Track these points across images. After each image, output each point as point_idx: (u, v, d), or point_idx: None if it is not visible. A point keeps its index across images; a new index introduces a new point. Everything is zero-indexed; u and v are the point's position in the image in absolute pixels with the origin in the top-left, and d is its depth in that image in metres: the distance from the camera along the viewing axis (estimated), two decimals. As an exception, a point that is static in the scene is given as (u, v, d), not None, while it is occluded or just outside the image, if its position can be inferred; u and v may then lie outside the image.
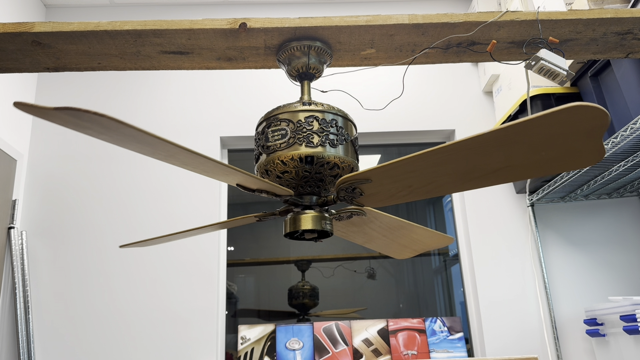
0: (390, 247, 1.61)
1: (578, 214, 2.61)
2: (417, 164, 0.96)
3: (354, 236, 1.54)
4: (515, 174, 0.98)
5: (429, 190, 1.08)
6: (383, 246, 1.62)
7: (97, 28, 1.29)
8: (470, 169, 0.97)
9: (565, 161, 0.95)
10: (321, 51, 1.36)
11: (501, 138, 0.86)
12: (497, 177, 0.99)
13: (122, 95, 2.80)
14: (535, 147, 0.88)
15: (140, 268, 2.48)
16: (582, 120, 0.84)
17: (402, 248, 1.62)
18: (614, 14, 1.34)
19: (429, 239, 1.56)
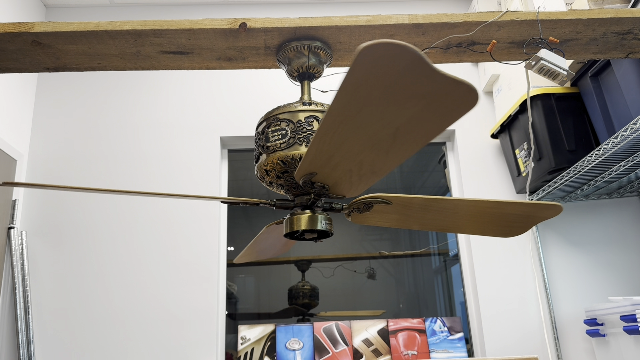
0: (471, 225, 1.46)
1: (578, 214, 2.61)
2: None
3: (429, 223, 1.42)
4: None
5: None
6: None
7: (97, 28, 1.29)
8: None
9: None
10: (321, 51, 1.36)
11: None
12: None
13: (122, 95, 2.80)
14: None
15: (140, 268, 2.48)
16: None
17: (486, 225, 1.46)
18: (614, 14, 1.34)
19: None
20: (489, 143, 2.74)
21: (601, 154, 1.93)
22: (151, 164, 2.66)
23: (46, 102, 2.78)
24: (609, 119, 2.04)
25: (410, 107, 0.76)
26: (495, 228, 1.39)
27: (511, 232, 1.42)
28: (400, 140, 0.84)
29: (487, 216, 1.31)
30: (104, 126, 2.74)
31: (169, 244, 2.52)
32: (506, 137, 2.56)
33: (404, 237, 4.05)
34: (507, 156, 2.61)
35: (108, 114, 2.76)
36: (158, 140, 2.71)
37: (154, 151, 2.69)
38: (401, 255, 3.94)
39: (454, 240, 2.85)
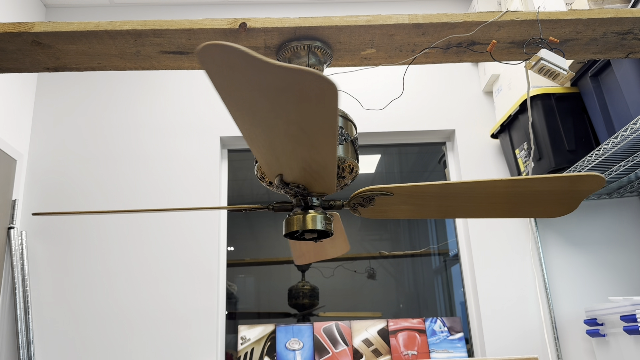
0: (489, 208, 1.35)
1: (578, 214, 2.61)
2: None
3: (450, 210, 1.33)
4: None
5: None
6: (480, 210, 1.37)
7: (97, 28, 1.29)
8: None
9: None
10: (321, 51, 1.36)
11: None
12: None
13: (122, 95, 2.80)
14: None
15: (141, 268, 2.48)
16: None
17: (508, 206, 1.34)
18: (614, 14, 1.34)
19: None
20: (489, 143, 2.74)
21: (601, 154, 1.93)
22: (151, 164, 2.66)
23: (46, 102, 2.78)
24: (609, 118, 2.04)
25: (284, 100, 0.76)
26: (530, 209, 1.24)
27: (553, 211, 1.24)
28: (310, 132, 0.84)
29: (511, 197, 1.19)
30: (104, 126, 2.74)
31: (169, 244, 2.52)
32: (506, 137, 2.56)
33: (404, 237, 4.05)
34: (507, 156, 2.61)
35: (108, 114, 2.76)
36: (158, 140, 2.71)
37: (154, 151, 2.69)
38: (401, 255, 3.94)
39: (454, 240, 2.85)
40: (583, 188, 1.12)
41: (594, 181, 1.08)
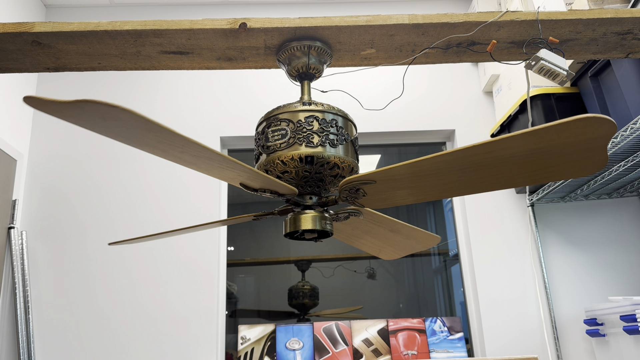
0: (380, 247, 1.61)
1: (578, 214, 2.61)
2: (421, 168, 0.98)
3: (352, 239, 1.54)
4: (517, 180, 1.02)
5: (430, 194, 1.12)
6: (373, 247, 1.61)
7: (97, 28, 1.29)
8: (473, 175, 1.00)
9: (568, 169, 0.98)
10: (321, 51, 1.36)
11: (508, 146, 0.89)
12: (499, 183, 1.03)
13: (122, 95, 2.80)
14: (540, 156, 0.92)
15: (141, 268, 2.48)
16: (590, 130, 0.85)
17: (391, 249, 1.61)
18: (614, 14, 1.34)
19: (415, 240, 1.55)
20: (489, 143, 2.74)
21: (601, 154, 1.92)
22: (150, 164, 2.66)
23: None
24: (609, 119, 2.04)
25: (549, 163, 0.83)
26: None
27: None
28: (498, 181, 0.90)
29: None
30: (104, 126, 2.73)
31: (169, 243, 2.52)
32: (506, 137, 2.55)
33: (404, 237, 4.04)
34: (507, 156, 2.60)
35: (108, 114, 2.76)
36: (158, 140, 2.71)
37: (154, 151, 2.69)
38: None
39: (454, 240, 2.85)
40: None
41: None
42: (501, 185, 1.04)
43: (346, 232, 1.50)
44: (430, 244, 1.58)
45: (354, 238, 1.54)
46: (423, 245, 1.58)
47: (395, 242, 1.56)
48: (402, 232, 1.49)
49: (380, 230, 1.48)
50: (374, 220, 1.42)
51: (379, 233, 1.50)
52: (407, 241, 1.55)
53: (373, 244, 1.59)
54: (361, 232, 1.50)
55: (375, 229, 1.47)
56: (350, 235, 1.53)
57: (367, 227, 1.46)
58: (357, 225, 1.45)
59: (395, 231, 1.48)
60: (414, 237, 1.53)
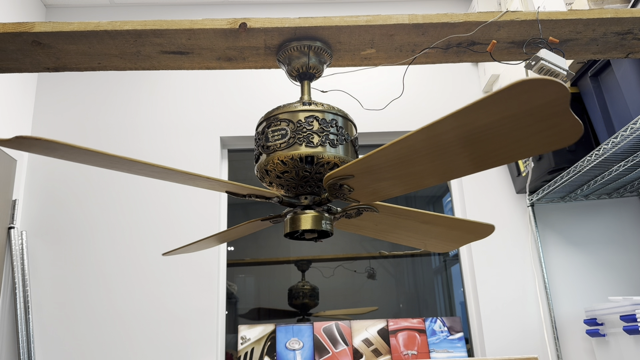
0: (424, 241, 1.51)
1: (578, 214, 2.61)
2: (392, 153, 0.95)
3: (384, 234, 1.47)
4: (493, 159, 1.01)
5: (414, 183, 1.08)
6: (417, 241, 1.52)
7: (97, 28, 1.29)
8: (447, 158, 0.99)
9: (540, 141, 0.97)
10: (321, 51, 1.36)
11: (464, 120, 0.91)
12: (476, 164, 1.02)
13: (122, 95, 2.80)
14: (503, 131, 0.93)
15: (140, 268, 2.48)
16: (536, 96, 0.85)
17: (438, 242, 1.52)
18: (614, 14, 1.34)
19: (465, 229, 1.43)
20: (489, 143, 2.74)
21: (601, 154, 1.93)
22: (151, 164, 2.66)
23: (46, 102, 2.78)
24: (609, 119, 2.04)
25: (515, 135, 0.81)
26: None
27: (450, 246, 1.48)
28: (475, 162, 0.89)
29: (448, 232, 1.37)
30: (104, 126, 2.74)
31: (169, 243, 2.52)
32: (506, 137, 2.55)
33: (404, 237, 4.04)
34: (507, 156, 2.60)
35: (108, 114, 2.76)
36: (158, 140, 2.71)
37: (154, 151, 2.69)
38: (401, 255, 3.94)
39: (454, 240, 2.84)
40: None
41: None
42: (479, 165, 1.03)
43: (370, 227, 1.44)
44: (483, 234, 1.44)
45: (384, 233, 1.47)
46: (476, 235, 1.46)
47: (437, 234, 1.46)
48: (438, 223, 1.39)
49: (411, 223, 1.40)
50: (395, 213, 1.34)
51: (411, 226, 1.42)
52: (452, 232, 1.44)
53: (412, 238, 1.50)
54: (389, 227, 1.42)
55: (404, 222, 1.40)
56: (377, 231, 1.46)
57: (393, 220, 1.38)
58: (380, 220, 1.38)
59: (429, 222, 1.38)
60: (459, 228, 1.42)
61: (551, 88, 0.78)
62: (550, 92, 0.80)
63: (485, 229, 1.43)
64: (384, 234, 1.49)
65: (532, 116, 0.87)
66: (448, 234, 1.46)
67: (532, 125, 0.90)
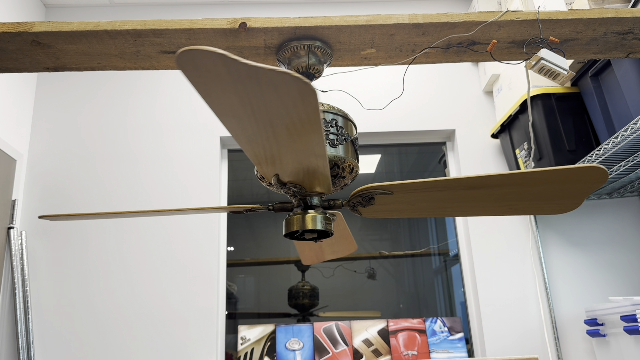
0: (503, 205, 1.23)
1: (578, 214, 2.61)
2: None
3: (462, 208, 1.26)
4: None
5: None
6: None
7: (96, 28, 1.29)
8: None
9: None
10: (321, 51, 1.35)
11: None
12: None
13: (122, 95, 2.80)
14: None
15: (140, 268, 2.48)
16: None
17: None
18: (614, 14, 1.34)
19: None
20: (489, 143, 2.74)
21: (601, 153, 1.93)
22: (151, 164, 2.66)
23: (46, 102, 2.78)
24: (609, 118, 2.04)
25: (266, 103, 0.76)
26: (534, 205, 1.16)
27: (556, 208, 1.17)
28: (297, 134, 0.84)
29: (514, 192, 1.11)
30: (104, 126, 2.73)
31: (169, 244, 2.52)
32: (506, 137, 2.56)
33: (404, 237, 4.05)
34: (507, 156, 2.61)
35: (108, 114, 2.76)
36: (158, 140, 2.71)
37: (154, 151, 2.69)
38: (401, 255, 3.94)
39: (454, 240, 2.85)
40: (585, 181, 1.05)
41: (597, 173, 1.01)
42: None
43: (407, 209, 1.26)
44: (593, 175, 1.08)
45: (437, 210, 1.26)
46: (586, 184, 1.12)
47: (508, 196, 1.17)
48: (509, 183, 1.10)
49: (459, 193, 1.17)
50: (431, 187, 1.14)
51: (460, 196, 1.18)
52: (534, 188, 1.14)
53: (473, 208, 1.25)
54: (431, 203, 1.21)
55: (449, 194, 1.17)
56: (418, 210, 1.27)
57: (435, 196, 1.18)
58: (417, 199, 1.20)
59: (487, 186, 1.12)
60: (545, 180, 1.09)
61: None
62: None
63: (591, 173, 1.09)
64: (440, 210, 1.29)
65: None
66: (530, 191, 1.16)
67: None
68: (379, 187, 1.10)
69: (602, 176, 1.05)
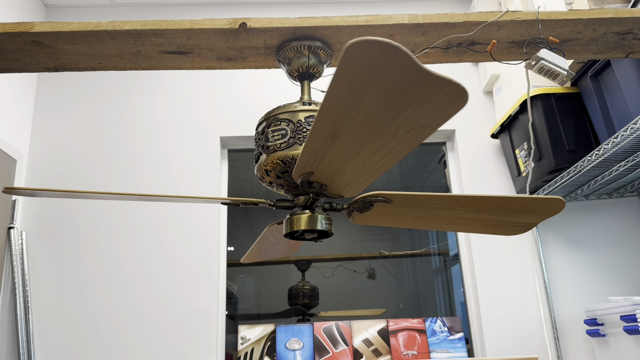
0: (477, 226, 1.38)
1: (578, 214, 2.61)
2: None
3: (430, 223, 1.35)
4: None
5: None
6: None
7: (97, 28, 1.29)
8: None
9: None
10: (321, 51, 1.35)
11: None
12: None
13: (122, 95, 2.80)
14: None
15: (140, 268, 2.48)
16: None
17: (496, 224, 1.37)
18: (614, 14, 1.34)
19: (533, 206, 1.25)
20: (489, 143, 2.74)
21: (601, 153, 1.93)
22: (151, 164, 2.66)
23: (46, 102, 2.78)
24: (609, 118, 2.04)
25: (405, 107, 0.76)
26: (499, 227, 1.37)
27: (513, 230, 1.40)
28: (396, 141, 0.85)
29: (492, 213, 1.27)
30: (104, 126, 2.74)
31: (169, 243, 2.52)
32: (506, 137, 2.56)
33: (404, 237, 4.05)
34: (507, 156, 2.61)
35: (108, 114, 2.76)
36: (158, 140, 2.71)
37: (154, 151, 2.69)
38: (401, 255, 3.94)
39: (454, 240, 2.85)
40: (544, 211, 1.26)
41: (556, 204, 1.19)
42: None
43: (409, 220, 1.32)
44: (551, 211, 1.25)
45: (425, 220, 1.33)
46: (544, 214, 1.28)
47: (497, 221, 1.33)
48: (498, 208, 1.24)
49: (458, 213, 1.27)
50: (434, 202, 1.21)
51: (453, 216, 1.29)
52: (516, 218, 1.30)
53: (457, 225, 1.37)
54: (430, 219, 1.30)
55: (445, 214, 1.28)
56: (418, 217, 1.32)
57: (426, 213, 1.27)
58: (419, 214, 1.28)
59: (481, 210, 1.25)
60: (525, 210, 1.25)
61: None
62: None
63: (551, 205, 1.24)
64: (425, 223, 1.36)
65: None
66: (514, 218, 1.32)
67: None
68: (382, 195, 1.11)
69: (560, 206, 1.22)
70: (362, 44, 0.64)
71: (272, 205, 1.26)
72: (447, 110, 0.75)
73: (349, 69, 0.68)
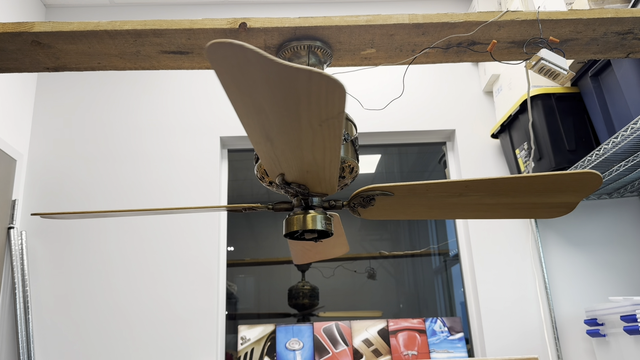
0: None
1: (578, 214, 2.61)
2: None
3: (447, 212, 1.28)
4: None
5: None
6: None
7: (97, 28, 1.29)
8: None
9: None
10: (321, 51, 1.35)
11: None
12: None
13: (122, 95, 2.80)
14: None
15: (140, 268, 2.48)
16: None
17: None
18: (614, 14, 1.34)
19: None
20: (489, 143, 2.74)
21: (601, 153, 1.93)
22: (151, 164, 2.66)
23: (46, 102, 2.78)
24: (609, 118, 2.04)
25: (297, 101, 0.75)
26: (532, 210, 1.20)
27: (552, 212, 1.22)
28: (315, 133, 0.84)
29: (516, 196, 1.13)
30: (104, 126, 2.73)
31: (169, 244, 2.52)
32: (506, 137, 2.56)
33: (404, 237, 4.05)
34: (507, 156, 2.61)
35: (108, 114, 2.76)
36: (158, 140, 2.71)
37: (154, 151, 2.69)
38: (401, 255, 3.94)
39: (454, 240, 2.85)
40: (580, 188, 1.10)
41: (592, 178, 1.05)
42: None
43: (423, 208, 1.25)
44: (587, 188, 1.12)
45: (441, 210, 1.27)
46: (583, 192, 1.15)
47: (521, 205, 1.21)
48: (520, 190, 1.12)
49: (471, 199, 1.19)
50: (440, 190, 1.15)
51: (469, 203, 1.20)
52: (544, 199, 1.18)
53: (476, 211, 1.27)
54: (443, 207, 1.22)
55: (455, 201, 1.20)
56: (433, 211, 1.27)
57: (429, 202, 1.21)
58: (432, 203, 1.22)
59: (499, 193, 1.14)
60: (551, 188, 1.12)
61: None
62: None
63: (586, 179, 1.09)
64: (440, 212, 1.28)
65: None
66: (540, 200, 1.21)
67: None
68: (380, 188, 1.09)
69: (597, 181, 1.08)
70: (215, 46, 0.65)
71: (271, 208, 1.27)
72: (333, 101, 0.74)
73: (221, 70, 0.70)
